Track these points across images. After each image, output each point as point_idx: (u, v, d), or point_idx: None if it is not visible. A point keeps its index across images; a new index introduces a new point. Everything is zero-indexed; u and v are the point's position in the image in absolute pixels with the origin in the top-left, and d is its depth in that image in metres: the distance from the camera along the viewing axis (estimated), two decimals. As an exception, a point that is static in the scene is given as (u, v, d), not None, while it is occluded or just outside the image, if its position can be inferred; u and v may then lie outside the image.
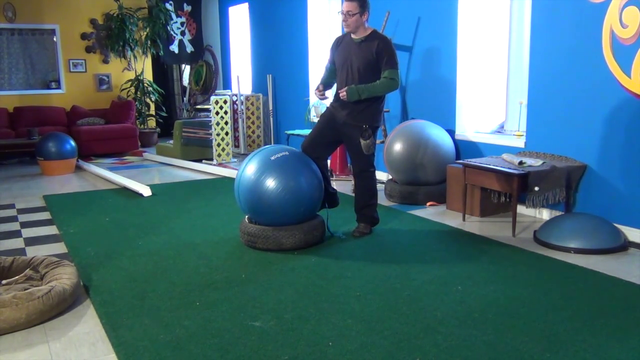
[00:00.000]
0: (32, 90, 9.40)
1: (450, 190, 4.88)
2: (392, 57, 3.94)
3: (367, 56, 3.94)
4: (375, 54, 3.92)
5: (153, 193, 5.76)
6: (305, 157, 3.99)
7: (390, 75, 3.92)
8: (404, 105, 5.98)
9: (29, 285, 3.04)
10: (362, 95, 3.92)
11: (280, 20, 8.14)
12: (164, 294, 3.11)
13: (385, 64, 3.92)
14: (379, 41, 3.94)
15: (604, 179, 4.09)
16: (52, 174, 7.10)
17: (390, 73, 3.92)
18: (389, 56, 3.93)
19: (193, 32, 10.36)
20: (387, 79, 3.92)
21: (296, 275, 3.34)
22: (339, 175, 6.45)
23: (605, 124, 4.02)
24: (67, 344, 2.57)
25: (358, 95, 3.92)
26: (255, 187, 3.75)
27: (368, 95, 3.92)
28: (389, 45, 3.96)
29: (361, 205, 4.18)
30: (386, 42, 3.97)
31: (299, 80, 7.76)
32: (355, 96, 3.92)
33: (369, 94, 3.92)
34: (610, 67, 3.91)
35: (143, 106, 9.90)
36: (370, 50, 3.93)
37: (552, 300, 2.92)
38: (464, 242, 4.00)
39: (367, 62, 3.94)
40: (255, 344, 2.49)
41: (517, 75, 4.99)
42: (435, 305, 2.88)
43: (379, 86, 3.93)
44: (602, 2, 3.92)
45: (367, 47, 3.94)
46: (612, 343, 2.45)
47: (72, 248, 3.99)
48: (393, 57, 3.95)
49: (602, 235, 3.73)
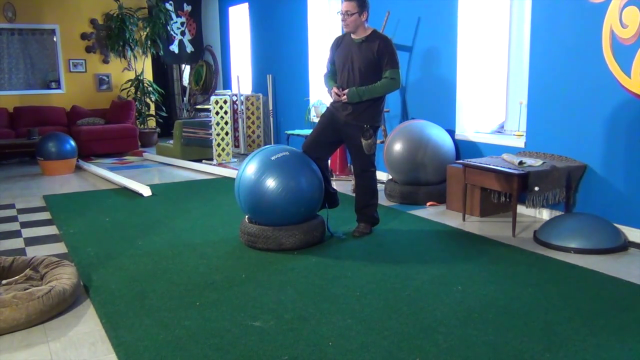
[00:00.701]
0: (32, 90, 9.41)
1: (450, 190, 4.88)
2: (393, 56, 3.94)
3: (368, 56, 3.93)
4: (377, 54, 3.92)
5: (153, 193, 5.76)
6: (306, 157, 3.99)
7: (391, 75, 3.92)
8: (404, 105, 5.98)
9: (29, 285, 3.04)
10: (363, 97, 3.92)
11: (280, 20, 8.13)
12: (164, 294, 3.11)
13: (386, 64, 3.93)
14: (379, 41, 3.94)
15: (604, 179, 4.09)
16: (52, 174, 7.10)
17: (391, 73, 3.92)
18: (390, 56, 3.93)
19: (193, 32, 10.36)
20: (388, 79, 3.92)
21: (296, 275, 3.34)
22: (339, 175, 6.45)
23: (605, 124, 4.02)
24: (67, 344, 2.57)
25: (359, 97, 3.92)
26: (256, 187, 3.74)
27: (369, 96, 3.93)
28: (390, 45, 3.96)
29: (361, 205, 4.18)
30: (387, 42, 3.97)
31: (299, 80, 7.76)
32: (356, 98, 3.93)
33: (370, 95, 3.92)
34: (610, 67, 3.91)
35: (143, 106, 9.89)
36: (371, 50, 3.93)
37: (552, 300, 2.92)
38: (464, 242, 4.00)
39: (368, 62, 3.94)
40: (255, 344, 2.49)
41: (517, 75, 4.99)
42: (435, 305, 2.88)
43: (379, 87, 3.93)
44: (602, 2, 3.92)
45: (367, 48, 3.94)
46: (612, 343, 2.45)
47: (72, 248, 3.99)
48: (394, 56, 3.95)
49: (602, 235, 3.73)
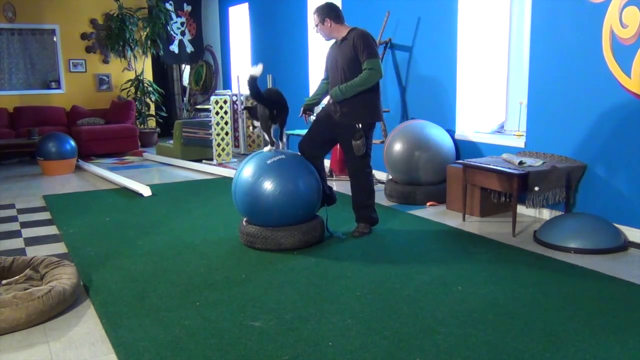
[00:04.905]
0: (32, 90, 9.41)
1: (450, 190, 4.88)
2: (367, 47, 3.91)
3: (347, 54, 3.96)
4: (353, 49, 3.94)
5: (153, 193, 5.76)
6: (302, 159, 4.00)
7: (369, 66, 3.89)
8: (404, 105, 5.98)
9: (29, 285, 3.04)
10: (346, 93, 3.93)
11: (280, 20, 8.14)
12: (164, 294, 3.11)
13: (362, 56, 3.91)
14: (354, 35, 3.95)
15: (604, 179, 4.09)
16: (52, 174, 7.10)
17: (368, 63, 3.90)
18: (364, 47, 3.90)
19: (193, 32, 10.36)
20: (367, 70, 3.90)
21: (296, 275, 3.34)
22: (338, 175, 6.45)
23: (605, 124, 4.02)
24: (67, 344, 2.57)
25: (342, 95, 3.94)
26: (252, 190, 3.74)
27: (353, 91, 3.92)
28: (363, 37, 3.94)
29: (358, 205, 4.19)
30: (361, 34, 3.95)
31: (299, 80, 7.77)
32: (340, 96, 3.95)
33: (353, 90, 3.92)
34: (610, 67, 3.91)
35: (143, 106, 9.90)
36: (348, 47, 3.96)
37: (552, 300, 2.92)
38: (464, 242, 4.00)
39: (349, 59, 3.95)
40: (255, 344, 2.49)
41: (517, 75, 5.00)
42: (435, 305, 2.88)
43: (359, 80, 3.91)
44: (602, 2, 3.92)
45: (346, 45, 3.98)
46: (612, 343, 2.45)
47: (72, 248, 3.99)
48: (369, 47, 3.92)
49: (602, 235, 3.73)
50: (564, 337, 2.51)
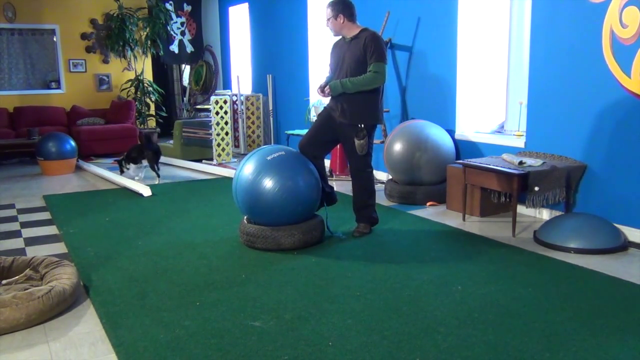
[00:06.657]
0: (32, 90, 9.40)
1: (450, 190, 4.88)
2: (377, 50, 3.92)
3: (356, 53, 3.96)
4: (363, 50, 3.94)
5: (153, 193, 5.76)
6: (302, 156, 4.00)
7: (374, 69, 3.91)
8: (404, 105, 5.98)
9: (29, 285, 3.04)
10: (345, 88, 3.93)
11: (280, 20, 8.14)
12: (164, 294, 3.11)
13: (370, 58, 3.92)
14: (365, 36, 3.96)
15: (604, 179, 4.08)
16: (52, 174, 7.10)
17: (374, 67, 3.91)
18: (374, 49, 3.92)
19: (193, 32, 10.36)
20: (372, 73, 3.91)
21: (296, 275, 3.34)
22: (339, 175, 6.45)
23: (605, 124, 4.02)
24: (67, 344, 2.57)
25: (341, 88, 3.94)
26: (253, 187, 3.75)
27: (352, 88, 3.93)
28: (375, 39, 3.95)
29: (359, 205, 4.19)
30: (373, 36, 3.96)
31: (299, 80, 7.77)
32: (339, 89, 3.95)
33: (353, 87, 3.93)
34: (610, 67, 3.91)
35: (143, 106, 9.89)
36: (358, 46, 3.96)
37: (552, 300, 2.92)
38: (464, 242, 4.00)
39: (357, 58, 3.96)
40: (255, 344, 2.49)
41: (517, 75, 4.99)
42: (435, 305, 2.88)
43: (362, 79, 3.92)
44: (602, 2, 3.92)
45: (356, 44, 3.98)
46: (612, 343, 2.45)
47: (72, 248, 3.99)
48: (378, 50, 3.93)
49: (602, 235, 3.73)
50: (564, 337, 2.51)
